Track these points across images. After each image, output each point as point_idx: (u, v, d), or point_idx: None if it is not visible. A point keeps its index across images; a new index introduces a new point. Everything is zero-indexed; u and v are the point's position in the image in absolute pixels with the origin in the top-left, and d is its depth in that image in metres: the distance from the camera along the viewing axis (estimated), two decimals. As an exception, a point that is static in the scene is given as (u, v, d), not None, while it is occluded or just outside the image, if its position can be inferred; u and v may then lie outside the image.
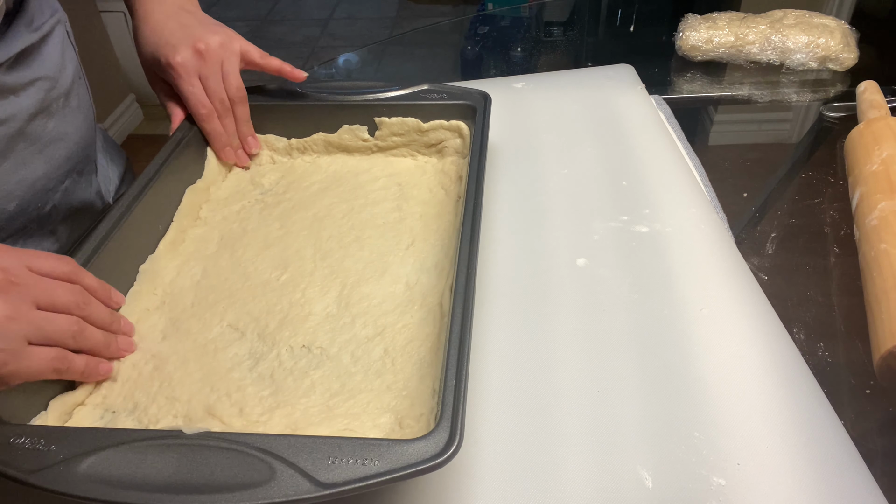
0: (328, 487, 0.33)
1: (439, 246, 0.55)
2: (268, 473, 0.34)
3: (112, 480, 0.35)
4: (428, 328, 0.48)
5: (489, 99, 0.65)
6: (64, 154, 0.57)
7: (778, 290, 0.55)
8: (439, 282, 0.52)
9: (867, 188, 0.61)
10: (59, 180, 0.58)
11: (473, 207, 0.51)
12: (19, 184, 0.53)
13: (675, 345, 0.49)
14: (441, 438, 0.35)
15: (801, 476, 0.41)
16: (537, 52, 1.05)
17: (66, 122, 0.57)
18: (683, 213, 0.61)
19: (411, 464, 0.34)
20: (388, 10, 3.02)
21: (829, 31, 0.86)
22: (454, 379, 0.38)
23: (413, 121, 0.66)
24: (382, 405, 0.43)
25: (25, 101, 0.52)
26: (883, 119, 0.67)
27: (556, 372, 0.48)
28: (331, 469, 0.34)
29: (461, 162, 0.65)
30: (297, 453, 0.35)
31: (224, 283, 0.54)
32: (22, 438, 0.36)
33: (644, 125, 0.73)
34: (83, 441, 0.36)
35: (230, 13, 3.08)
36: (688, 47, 0.90)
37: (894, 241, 0.54)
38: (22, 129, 0.52)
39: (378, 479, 0.34)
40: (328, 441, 0.36)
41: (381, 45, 1.32)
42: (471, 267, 0.46)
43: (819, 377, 0.47)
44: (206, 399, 0.45)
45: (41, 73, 0.54)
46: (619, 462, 0.42)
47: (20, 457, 0.36)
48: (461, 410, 0.37)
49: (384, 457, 0.35)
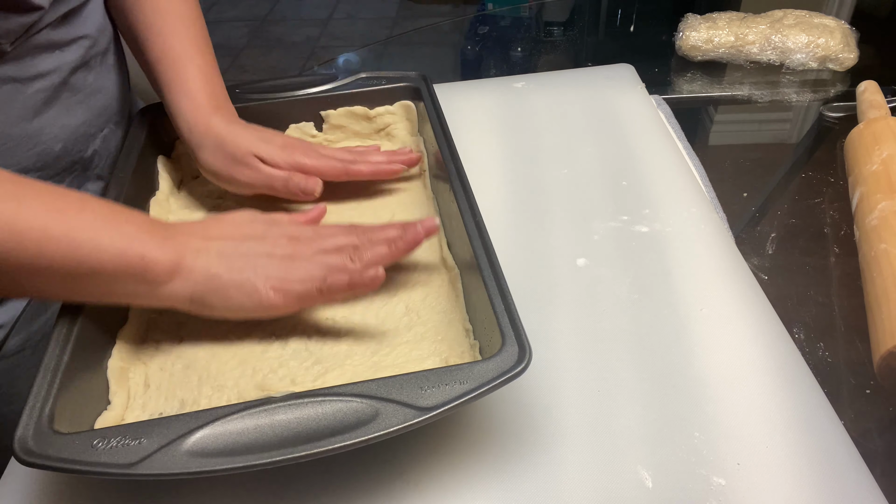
0: (431, 410, 0.36)
1: (419, 215, 0.58)
2: (372, 412, 0.36)
3: (221, 451, 0.35)
4: (437, 282, 0.51)
5: (428, 78, 0.66)
6: (102, 104, 0.63)
7: (778, 290, 0.55)
8: (432, 244, 0.54)
9: (867, 188, 0.61)
10: (98, 128, 0.63)
11: (456, 168, 0.53)
12: (63, 128, 0.58)
13: (675, 345, 0.49)
14: (512, 353, 0.39)
15: (801, 476, 0.41)
16: (537, 52, 1.04)
17: (103, 76, 0.63)
18: (683, 213, 0.61)
19: (495, 377, 0.37)
20: (388, 10, 3.02)
21: (829, 31, 0.86)
22: (502, 303, 0.41)
23: (361, 109, 0.66)
24: (424, 351, 0.46)
25: (69, 56, 0.57)
26: (883, 119, 0.67)
27: (556, 371, 0.48)
28: (426, 396, 0.37)
29: (415, 140, 0.66)
30: (389, 391, 0.37)
31: None
32: (106, 440, 0.36)
33: (644, 125, 0.73)
34: (172, 428, 0.36)
35: (230, 13, 3.07)
36: (688, 47, 0.90)
37: (894, 241, 0.54)
38: (66, 80, 0.57)
39: (471, 395, 0.36)
40: (413, 375, 0.38)
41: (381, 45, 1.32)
42: (476, 214, 0.48)
43: (819, 377, 0.47)
44: (252, 380, 0.45)
45: (83, 31, 0.59)
46: (619, 462, 0.42)
47: (114, 454, 0.35)
48: (520, 326, 0.40)
49: (468, 377, 0.37)
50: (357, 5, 3.08)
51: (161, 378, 0.46)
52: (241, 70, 2.61)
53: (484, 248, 0.46)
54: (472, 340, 0.45)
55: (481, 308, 0.44)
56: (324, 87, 0.66)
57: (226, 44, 2.80)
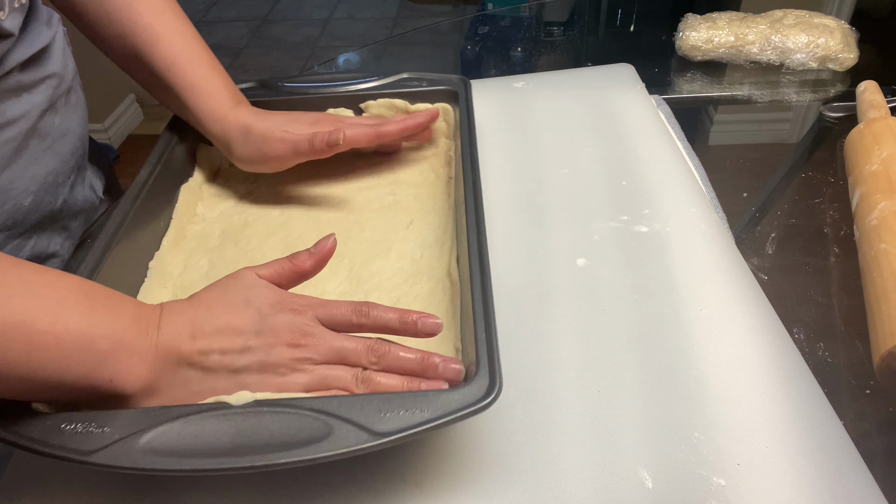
0: (385, 436, 0.35)
1: (437, 223, 0.58)
2: (325, 430, 0.36)
3: (175, 451, 0.35)
4: (439, 296, 0.51)
5: (468, 83, 0.66)
6: (69, 149, 0.59)
7: (778, 290, 0.55)
8: (443, 255, 0.54)
9: (867, 188, 0.61)
10: (66, 175, 0.60)
11: (473, 181, 0.53)
12: (33, 179, 0.55)
13: (675, 345, 0.49)
14: (482, 385, 0.38)
15: (801, 476, 0.41)
16: (537, 52, 1.04)
17: (68, 117, 0.59)
18: (683, 213, 0.61)
19: (458, 408, 0.37)
20: (388, 10, 3.02)
21: (829, 31, 0.86)
22: (484, 332, 0.41)
23: (402, 102, 0.67)
24: None
25: (37, 98, 0.54)
26: (883, 119, 0.67)
27: (556, 371, 0.48)
28: (384, 420, 0.36)
29: (449, 144, 0.66)
30: (349, 410, 0.37)
31: None
32: (73, 424, 0.37)
33: (644, 125, 0.73)
34: (136, 421, 0.37)
35: (230, 13, 3.08)
36: (688, 47, 0.90)
37: (894, 241, 0.54)
38: (34, 126, 0.54)
39: (429, 424, 0.36)
40: (376, 397, 0.37)
41: (381, 45, 1.32)
42: (480, 233, 0.48)
43: (819, 377, 0.47)
44: None
45: (50, 70, 0.56)
46: (619, 462, 0.42)
47: (76, 440, 0.36)
48: (497, 358, 0.39)
49: (431, 405, 0.37)
50: (357, 5, 3.08)
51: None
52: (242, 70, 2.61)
53: (480, 272, 0.45)
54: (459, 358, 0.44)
55: (467, 331, 0.43)
56: (365, 86, 0.67)
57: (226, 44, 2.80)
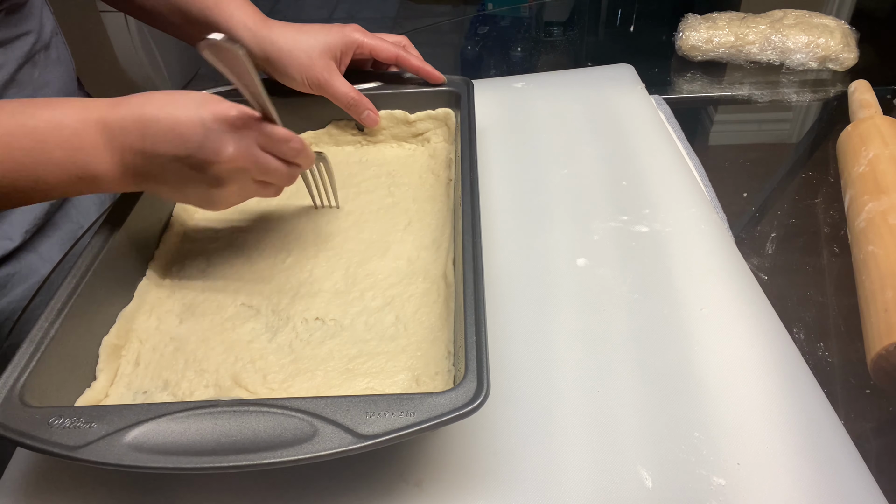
0: (369, 438, 0.35)
1: (435, 225, 0.58)
2: (310, 431, 0.36)
3: (159, 449, 0.36)
4: (433, 297, 0.51)
5: (471, 84, 0.66)
6: None
7: (778, 290, 0.55)
8: (439, 256, 0.54)
9: (855, 190, 0.61)
10: None
11: (471, 184, 0.53)
12: None
13: (675, 344, 0.49)
14: (469, 389, 0.37)
15: (801, 476, 0.41)
16: (537, 52, 1.05)
17: (49, 70, 0.65)
18: (683, 213, 0.61)
19: (444, 412, 0.36)
20: (388, 10, 3.02)
21: (829, 31, 0.86)
22: (474, 336, 0.40)
23: (401, 113, 0.67)
24: (399, 365, 0.46)
25: (14, 52, 0.60)
26: (870, 119, 0.67)
27: (556, 371, 0.48)
28: (369, 423, 0.36)
29: (449, 148, 0.66)
30: (334, 411, 0.37)
31: (231, 269, 0.55)
32: (61, 419, 0.37)
33: (644, 125, 0.73)
34: (123, 417, 0.37)
35: (230, 13, 3.07)
36: (688, 47, 0.90)
37: (881, 243, 0.54)
38: (13, 77, 0.60)
39: (413, 428, 0.36)
40: (363, 399, 0.37)
41: (381, 45, 1.31)
42: (476, 236, 0.47)
43: (819, 377, 0.47)
44: (231, 368, 0.47)
45: (27, 27, 0.62)
46: (619, 462, 0.42)
47: (63, 435, 0.36)
48: (485, 363, 0.38)
49: (418, 408, 0.36)
50: (357, 5, 3.08)
51: (151, 358, 0.48)
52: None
53: (473, 276, 0.44)
54: (449, 363, 0.45)
55: (459, 335, 0.43)
56: (365, 86, 0.66)
57: (226, 44, 2.79)
